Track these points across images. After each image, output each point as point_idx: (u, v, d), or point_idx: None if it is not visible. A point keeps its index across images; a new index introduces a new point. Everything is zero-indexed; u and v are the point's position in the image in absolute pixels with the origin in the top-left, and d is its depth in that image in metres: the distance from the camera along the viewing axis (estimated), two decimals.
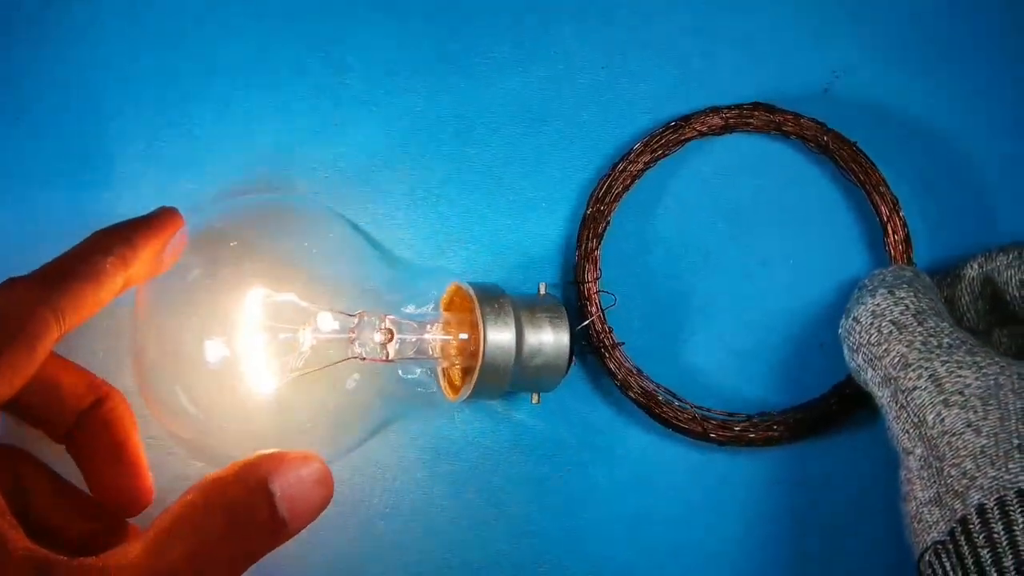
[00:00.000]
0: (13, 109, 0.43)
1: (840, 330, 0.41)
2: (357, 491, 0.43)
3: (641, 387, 0.43)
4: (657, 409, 0.43)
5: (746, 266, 0.46)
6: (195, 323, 0.37)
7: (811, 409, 0.44)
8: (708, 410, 0.44)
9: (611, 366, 0.43)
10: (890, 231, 0.44)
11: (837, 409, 0.44)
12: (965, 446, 0.35)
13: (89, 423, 0.38)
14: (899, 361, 0.38)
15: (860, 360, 0.39)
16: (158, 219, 0.38)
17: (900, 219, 0.44)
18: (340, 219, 0.41)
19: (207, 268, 0.37)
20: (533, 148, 0.45)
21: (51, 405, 0.38)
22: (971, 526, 0.34)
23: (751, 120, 0.45)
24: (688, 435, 0.43)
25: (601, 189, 0.44)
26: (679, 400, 0.44)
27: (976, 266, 0.42)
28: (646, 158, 0.44)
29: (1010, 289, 0.41)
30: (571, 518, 0.44)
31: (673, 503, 0.45)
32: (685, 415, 0.43)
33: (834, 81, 0.46)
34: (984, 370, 0.36)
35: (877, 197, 0.45)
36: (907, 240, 0.44)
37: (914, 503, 0.36)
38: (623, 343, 0.43)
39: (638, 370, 0.43)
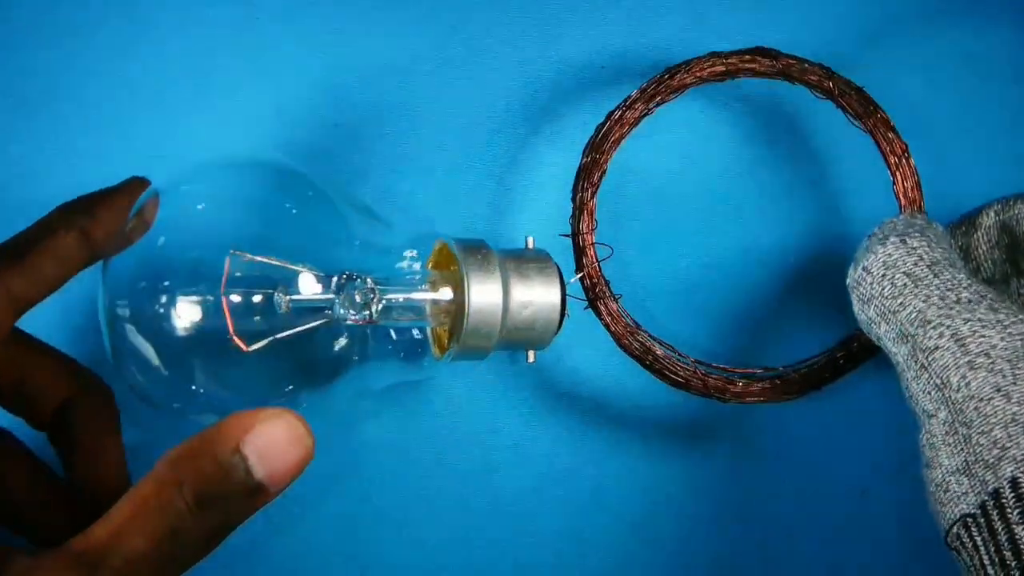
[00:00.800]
0: (13, 109, 0.42)
1: (848, 280, 0.39)
2: (357, 490, 0.43)
3: (639, 342, 0.42)
4: (656, 364, 0.42)
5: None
6: (172, 287, 0.35)
7: (816, 363, 0.42)
8: (709, 364, 0.42)
9: (607, 320, 0.42)
10: (899, 178, 0.42)
11: (844, 363, 0.42)
12: (994, 412, 0.33)
13: (69, 413, 0.37)
14: (917, 317, 0.35)
15: (872, 313, 0.37)
16: (126, 190, 0.36)
17: (910, 165, 0.42)
18: (320, 179, 0.40)
19: (184, 230, 0.36)
20: (533, 148, 0.44)
21: (31, 393, 0.36)
22: (1004, 500, 0.32)
23: (753, 65, 0.43)
24: (688, 390, 0.42)
25: (597, 137, 0.42)
26: (679, 355, 0.42)
27: (992, 214, 0.40)
28: (643, 105, 0.42)
29: None
30: (572, 518, 0.43)
31: (659, 506, 0.44)
32: (685, 370, 0.42)
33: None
34: (1009, 329, 0.34)
35: (885, 144, 0.43)
36: (917, 186, 0.42)
37: (939, 471, 0.34)
38: (620, 296, 0.42)
39: (636, 324, 0.42)
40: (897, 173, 0.42)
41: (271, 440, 0.31)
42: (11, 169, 0.42)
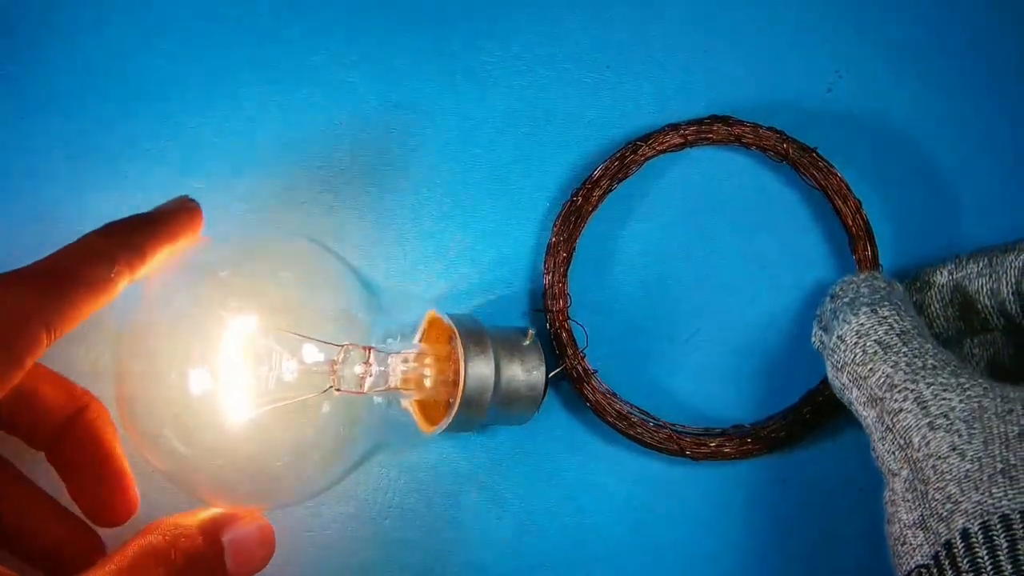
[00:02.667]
0: (18, 107, 0.41)
1: (814, 341, 0.41)
2: (362, 490, 0.42)
3: (615, 410, 0.42)
4: (632, 430, 0.42)
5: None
6: (176, 353, 0.36)
7: (785, 419, 0.43)
8: (683, 427, 0.43)
9: (585, 392, 0.42)
10: (855, 235, 0.44)
11: (811, 417, 0.43)
12: (950, 470, 0.34)
13: (70, 433, 0.37)
14: (884, 382, 0.37)
15: (845, 379, 0.38)
16: (173, 219, 0.36)
17: (864, 222, 0.44)
18: (321, 249, 0.40)
19: (189, 299, 0.36)
20: (538, 148, 0.44)
21: (31, 414, 0.37)
22: (955, 550, 0.33)
23: (710, 135, 0.44)
24: (665, 453, 0.43)
25: (564, 216, 0.43)
26: (653, 420, 0.43)
27: (946, 273, 0.42)
28: (607, 182, 0.43)
29: (981, 298, 0.41)
30: (574, 518, 0.43)
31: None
32: (661, 434, 0.43)
33: (837, 80, 0.46)
34: (968, 392, 0.35)
35: (840, 201, 0.44)
36: (872, 244, 0.44)
37: (898, 525, 0.36)
38: (596, 371, 0.43)
39: (612, 393, 0.43)
40: (852, 230, 0.44)
41: (244, 537, 0.36)
42: (15, 166, 0.41)
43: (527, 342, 0.40)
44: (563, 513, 0.43)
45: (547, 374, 0.40)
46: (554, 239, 0.43)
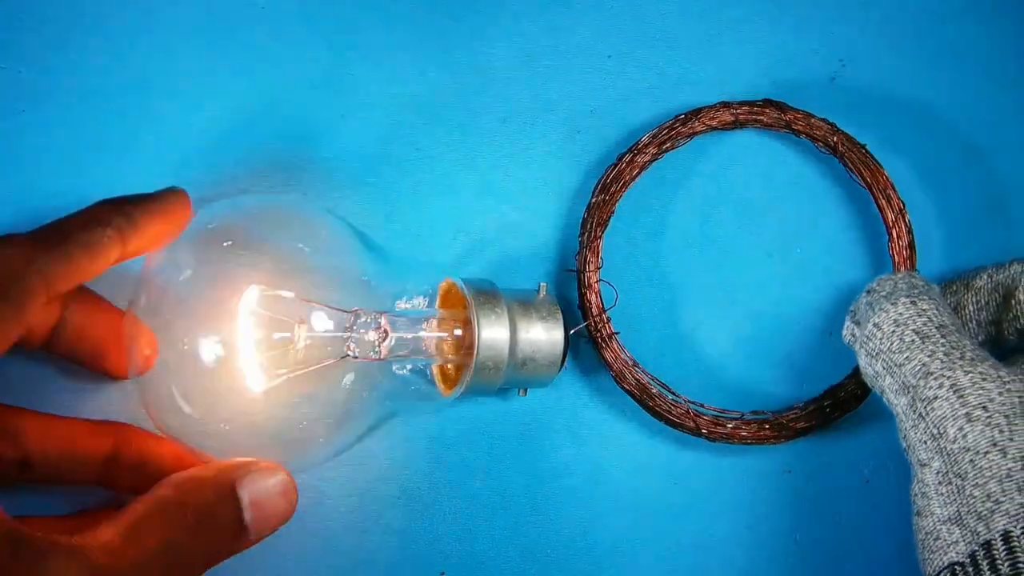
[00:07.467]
0: (19, 100, 0.41)
1: (846, 334, 0.39)
2: (366, 481, 0.41)
3: (635, 379, 0.41)
4: (650, 402, 0.41)
5: (748, 263, 0.43)
6: (189, 322, 0.35)
7: (805, 410, 0.42)
8: (701, 405, 0.42)
9: (607, 357, 0.41)
10: (895, 236, 0.42)
11: (831, 412, 0.42)
12: (990, 467, 0.32)
13: (117, 467, 0.37)
14: (920, 370, 0.35)
15: (879, 367, 0.37)
16: (164, 200, 0.36)
17: (906, 224, 0.42)
18: (332, 217, 0.39)
19: (200, 268, 0.35)
20: (540, 138, 0.43)
21: (73, 469, 0.37)
22: (995, 551, 0.31)
23: (761, 117, 0.43)
24: (681, 430, 0.41)
25: (607, 178, 0.42)
26: (673, 394, 0.42)
27: (986, 276, 0.40)
28: (653, 150, 0.42)
29: (1018, 294, 0.39)
30: (578, 508, 0.42)
31: (666, 497, 0.43)
32: (679, 409, 0.41)
33: (841, 70, 0.45)
34: (1008, 385, 0.33)
35: (884, 201, 0.43)
36: (911, 246, 0.42)
37: (931, 519, 0.34)
38: (618, 332, 0.42)
39: (633, 362, 0.41)
40: (893, 230, 0.43)
41: (263, 489, 0.34)
42: (15, 159, 0.41)
43: (540, 295, 0.39)
44: (568, 504, 0.42)
45: (567, 333, 0.39)
46: (595, 200, 0.42)
